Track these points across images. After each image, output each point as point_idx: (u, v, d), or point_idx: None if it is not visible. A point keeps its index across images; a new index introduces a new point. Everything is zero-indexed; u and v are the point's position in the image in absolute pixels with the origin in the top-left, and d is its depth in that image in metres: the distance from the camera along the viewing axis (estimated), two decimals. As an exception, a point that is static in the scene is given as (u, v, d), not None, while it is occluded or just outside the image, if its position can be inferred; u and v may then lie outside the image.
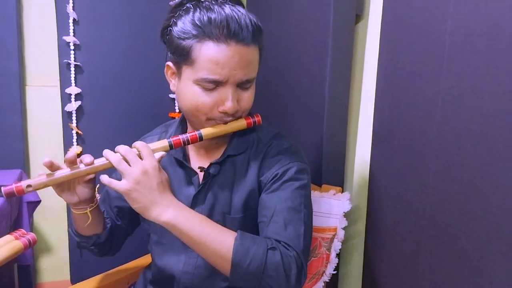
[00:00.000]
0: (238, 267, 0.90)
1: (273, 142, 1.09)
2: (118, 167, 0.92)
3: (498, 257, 0.78)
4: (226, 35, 0.92)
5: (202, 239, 0.92)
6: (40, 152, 2.17)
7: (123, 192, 0.92)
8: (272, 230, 0.97)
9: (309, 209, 1.05)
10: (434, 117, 0.98)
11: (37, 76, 2.12)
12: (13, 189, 0.91)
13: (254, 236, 0.95)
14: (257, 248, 0.91)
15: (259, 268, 0.90)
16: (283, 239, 0.95)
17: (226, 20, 0.92)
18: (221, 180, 1.08)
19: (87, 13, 2.06)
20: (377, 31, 1.31)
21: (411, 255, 1.11)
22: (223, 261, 0.91)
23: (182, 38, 0.96)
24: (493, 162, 0.79)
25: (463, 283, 0.88)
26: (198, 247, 0.93)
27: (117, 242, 1.24)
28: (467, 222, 0.87)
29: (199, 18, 0.93)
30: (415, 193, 1.08)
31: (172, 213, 0.92)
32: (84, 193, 1.04)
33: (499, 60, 0.76)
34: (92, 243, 1.15)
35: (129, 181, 0.91)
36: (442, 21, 0.94)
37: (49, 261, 2.31)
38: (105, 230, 1.17)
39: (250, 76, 0.99)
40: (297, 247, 0.95)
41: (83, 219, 1.09)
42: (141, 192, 0.91)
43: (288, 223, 0.97)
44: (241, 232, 0.94)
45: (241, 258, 0.90)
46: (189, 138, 1.00)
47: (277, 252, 0.91)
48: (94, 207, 1.09)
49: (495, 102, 0.77)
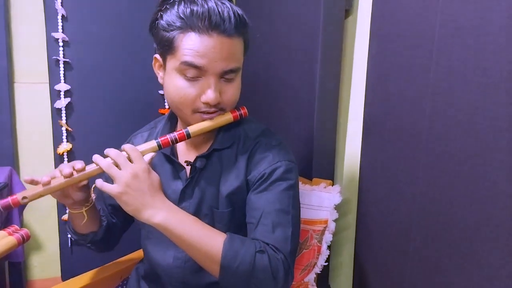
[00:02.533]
0: (227, 270, 0.92)
1: (261, 140, 1.10)
2: (108, 172, 0.93)
3: (487, 244, 0.80)
4: (208, 26, 0.94)
5: (192, 241, 0.93)
6: (30, 149, 2.15)
7: (114, 196, 0.93)
8: (260, 232, 0.98)
9: (297, 209, 1.06)
10: (423, 109, 0.99)
11: (25, 73, 2.10)
12: (9, 202, 0.94)
13: (243, 238, 0.96)
14: (246, 251, 0.93)
15: (247, 271, 0.91)
16: (271, 241, 0.96)
17: (208, 12, 0.94)
18: (208, 174, 1.09)
19: (75, 9, 2.04)
20: (366, 25, 1.33)
21: (401, 245, 1.13)
22: (213, 263, 0.93)
23: (167, 30, 0.97)
24: (482, 153, 0.81)
25: (453, 270, 0.90)
26: (188, 248, 0.94)
27: (114, 239, 1.25)
28: (456, 211, 0.89)
29: (183, 10, 0.95)
30: (405, 184, 1.10)
31: (164, 215, 0.93)
32: (79, 196, 1.06)
33: (488, 52, 0.78)
34: (89, 241, 1.16)
35: (120, 185, 0.92)
36: (431, 15, 0.96)
37: (39, 258, 2.29)
38: (101, 227, 1.18)
39: (232, 66, 0.99)
40: (285, 250, 0.97)
41: (79, 218, 1.10)
42: (132, 195, 0.92)
43: (276, 226, 0.98)
44: (230, 234, 0.96)
45: (230, 261, 0.91)
46: (176, 137, 1.01)
47: (265, 255, 0.93)
48: (89, 207, 1.10)
49: (484, 94, 0.79)
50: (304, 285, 1.35)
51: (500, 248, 0.77)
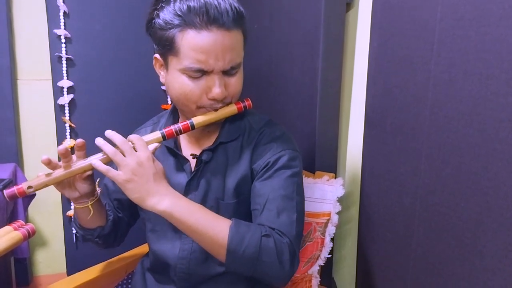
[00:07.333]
0: (234, 254, 0.92)
1: (265, 130, 1.11)
2: (114, 158, 0.94)
3: (489, 235, 0.81)
4: (206, 21, 0.94)
5: (198, 227, 0.94)
6: (34, 145, 2.17)
7: (120, 183, 0.94)
8: (266, 218, 0.99)
9: (302, 196, 1.07)
10: (425, 101, 1.00)
11: (28, 70, 2.12)
12: (15, 191, 0.95)
13: (249, 224, 0.98)
14: (252, 235, 0.93)
15: (253, 255, 0.92)
16: (276, 226, 0.97)
17: (205, 7, 0.93)
18: (214, 167, 1.10)
19: (77, 5, 2.05)
20: (367, 18, 1.33)
21: (404, 237, 1.13)
22: (219, 248, 0.94)
23: (164, 29, 0.97)
24: (483, 144, 0.81)
25: (456, 261, 0.91)
26: (195, 235, 0.95)
27: (121, 233, 1.26)
28: (458, 202, 0.89)
29: (179, 7, 0.95)
30: (408, 176, 1.10)
31: (169, 202, 0.94)
32: (84, 188, 1.06)
33: (489, 43, 0.78)
34: (96, 235, 1.17)
35: (126, 172, 0.93)
36: (432, 7, 0.96)
37: (44, 254, 2.31)
38: (108, 222, 1.18)
39: (235, 62, 1.00)
40: (290, 234, 0.98)
41: (85, 212, 1.11)
42: (137, 183, 0.93)
43: (281, 211, 0.99)
44: (236, 219, 0.97)
45: (236, 245, 0.92)
46: (181, 128, 1.02)
47: (271, 239, 0.94)
48: (95, 200, 1.10)
49: (485, 84, 0.79)
50: (307, 277, 1.36)
51: (503, 239, 0.77)
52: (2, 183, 1.67)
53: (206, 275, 1.11)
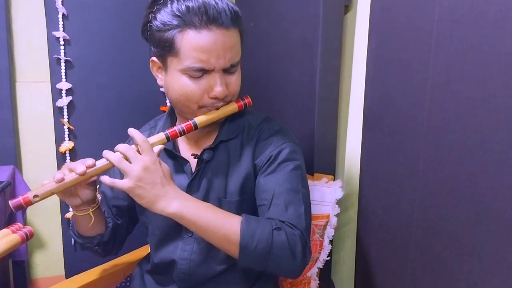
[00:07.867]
0: (246, 249, 0.93)
1: (264, 126, 1.12)
2: (119, 166, 0.94)
3: (487, 236, 0.81)
4: (206, 21, 0.94)
5: (209, 226, 0.94)
6: (32, 147, 2.17)
7: (127, 190, 0.94)
8: (274, 212, 1.00)
9: (307, 188, 1.07)
10: (423, 103, 1.00)
11: (27, 72, 2.11)
12: (20, 202, 0.93)
13: (258, 218, 0.98)
14: (263, 229, 0.94)
15: (266, 249, 0.93)
16: (285, 219, 0.98)
17: (204, 6, 0.94)
18: (215, 166, 1.10)
19: (76, 7, 2.05)
20: (365, 20, 1.33)
21: (402, 239, 1.13)
22: (231, 244, 0.94)
23: (163, 30, 0.97)
24: (481, 145, 0.81)
25: (454, 262, 0.91)
26: (206, 234, 0.95)
27: (119, 240, 1.26)
28: (456, 203, 0.89)
29: (178, 8, 0.95)
30: (406, 177, 1.10)
31: (178, 204, 0.94)
32: (86, 195, 1.05)
33: (486, 45, 0.78)
34: (96, 243, 1.16)
35: (132, 179, 0.92)
36: (429, 9, 0.96)
37: (43, 257, 2.31)
38: (107, 229, 1.18)
39: (234, 61, 1.01)
40: (300, 226, 0.98)
41: (86, 220, 1.10)
42: (144, 188, 0.93)
43: (288, 205, 1.00)
44: (246, 215, 0.97)
45: (248, 240, 0.92)
46: (184, 128, 1.02)
47: (282, 232, 0.94)
48: (96, 207, 1.10)
49: (482, 86, 0.79)
50: (306, 279, 1.36)
51: (500, 239, 0.77)
52: (1, 185, 1.66)
53: (207, 275, 1.12)
